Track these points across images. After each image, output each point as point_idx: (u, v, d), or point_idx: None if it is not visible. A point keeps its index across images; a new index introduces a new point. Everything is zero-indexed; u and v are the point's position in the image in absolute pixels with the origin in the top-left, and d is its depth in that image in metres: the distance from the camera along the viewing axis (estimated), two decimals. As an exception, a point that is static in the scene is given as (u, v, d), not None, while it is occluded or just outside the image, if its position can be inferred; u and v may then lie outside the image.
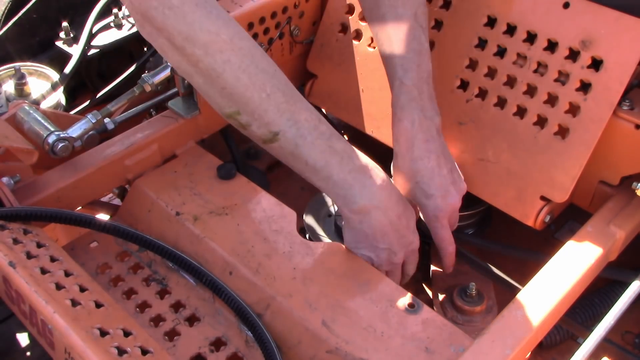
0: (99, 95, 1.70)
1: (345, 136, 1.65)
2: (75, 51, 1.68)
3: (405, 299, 1.06)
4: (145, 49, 1.85)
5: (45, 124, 1.24)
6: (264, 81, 0.99)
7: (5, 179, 1.17)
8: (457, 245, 1.22)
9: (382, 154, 1.46)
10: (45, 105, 1.56)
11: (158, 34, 0.97)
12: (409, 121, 1.15)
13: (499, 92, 1.24)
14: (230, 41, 0.97)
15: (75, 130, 1.26)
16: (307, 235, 1.33)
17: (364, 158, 1.08)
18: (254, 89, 0.98)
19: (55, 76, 1.63)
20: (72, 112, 1.60)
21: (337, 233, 1.34)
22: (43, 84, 1.62)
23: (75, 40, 1.73)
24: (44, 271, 0.99)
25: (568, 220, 1.44)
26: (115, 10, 1.78)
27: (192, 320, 1.11)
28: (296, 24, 1.49)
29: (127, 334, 0.93)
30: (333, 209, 1.36)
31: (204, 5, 0.96)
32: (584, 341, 0.97)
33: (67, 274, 1.01)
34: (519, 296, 1.02)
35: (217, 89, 0.99)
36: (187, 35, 0.95)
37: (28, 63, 1.66)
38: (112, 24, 1.79)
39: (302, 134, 1.02)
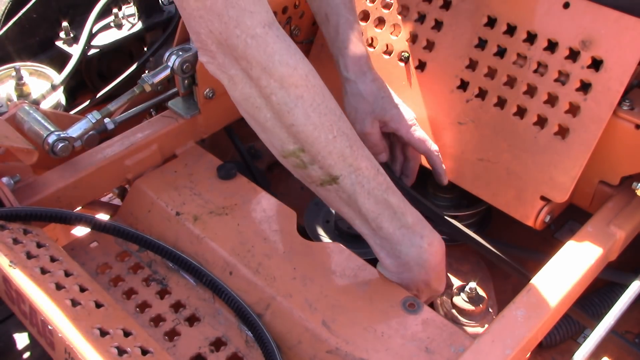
0: (99, 95, 1.70)
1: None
2: (75, 51, 1.69)
3: (406, 299, 1.06)
4: (145, 48, 1.85)
5: (45, 124, 1.24)
6: (332, 123, 0.98)
7: (5, 179, 1.17)
8: (459, 240, 1.22)
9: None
10: (45, 105, 1.56)
11: (233, 64, 0.95)
12: (357, 49, 1.24)
13: (499, 92, 1.24)
14: (306, 77, 0.97)
15: (75, 130, 1.26)
16: (308, 235, 1.33)
17: (416, 215, 1.06)
18: (322, 129, 0.97)
19: (55, 76, 1.63)
20: (72, 112, 1.60)
21: (337, 233, 1.34)
22: (43, 84, 1.62)
23: (75, 40, 1.73)
24: (44, 271, 0.99)
25: (568, 220, 1.44)
26: (115, 10, 1.78)
27: (192, 320, 1.11)
28: (296, 24, 1.49)
29: (127, 334, 0.93)
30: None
31: (284, 39, 0.96)
32: (584, 341, 0.97)
33: (67, 274, 1.01)
34: (519, 296, 1.02)
35: (286, 125, 0.97)
36: (265, 66, 0.94)
37: (28, 63, 1.66)
38: (112, 24, 1.79)
39: (360, 182, 1.01)
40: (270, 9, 0.95)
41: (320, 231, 1.35)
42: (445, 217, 1.23)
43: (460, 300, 1.19)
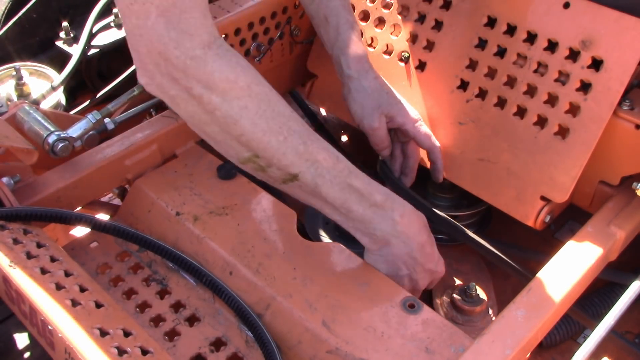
0: (99, 95, 1.69)
1: (345, 136, 1.66)
2: (75, 51, 1.68)
3: (406, 299, 1.06)
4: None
5: (46, 124, 1.24)
6: (281, 125, 1.00)
7: (5, 179, 1.17)
8: (460, 240, 1.22)
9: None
10: (45, 105, 1.56)
11: (172, 84, 0.96)
12: (358, 49, 1.26)
13: (499, 92, 1.24)
14: (248, 87, 0.98)
15: (75, 130, 1.26)
16: (308, 235, 1.33)
17: (384, 191, 1.08)
18: (271, 134, 0.99)
19: (55, 76, 1.63)
20: (72, 112, 1.59)
21: (337, 233, 1.34)
22: (43, 84, 1.61)
23: (75, 40, 1.73)
24: (44, 271, 0.99)
25: (568, 220, 1.44)
26: (115, 10, 1.78)
27: (192, 320, 1.11)
28: (296, 24, 1.49)
29: (127, 334, 0.93)
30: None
31: (224, 55, 0.97)
32: (584, 341, 0.97)
33: (67, 274, 1.01)
34: (519, 296, 1.02)
35: (234, 135, 0.99)
36: (206, 84, 0.96)
37: (28, 63, 1.66)
38: (112, 24, 1.78)
39: (320, 174, 1.03)
40: (213, 29, 0.97)
41: (320, 231, 1.35)
42: (446, 217, 1.23)
43: (461, 301, 1.19)
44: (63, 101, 1.61)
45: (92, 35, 1.72)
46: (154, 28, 0.92)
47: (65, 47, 1.73)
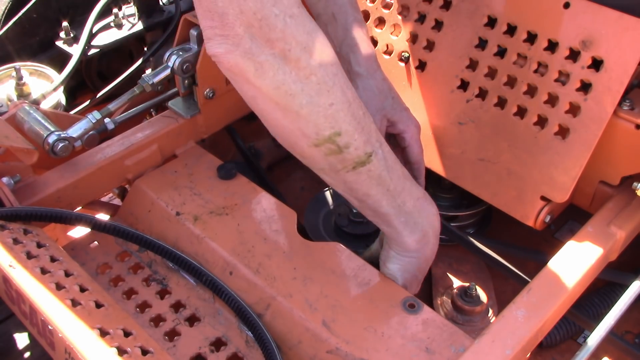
0: (99, 95, 1.69)
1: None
2: (75, 51, 1.68)
3: (406, 299, 1.06)
4: (145, 48, 1.85)
5: (46, 124, 1.24)
6: (356, 109, 0.94)
7: (5, 179, 1.17)
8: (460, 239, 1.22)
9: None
10: (45, 105, 1.56)
11: (263, 48, 0.87)
12: (368, 47, 1.21)
13: (499, 92, 1.24)
14: (335, 55, 0.94)
15: (75, 130, 1.26)
16: (308, 235, 1.33)
17: (418, 185, 1.07)
18: (355, 106, 0.94)
19: (55, 76, 1.63)
20: (72, 112, 1.59)
21: (337, 233, 1.34)
22: (43, 84, 1.62)
23: (76, 40, 1.73)
24: (44, 271, 0.99)
25: (568, 220, 1.44)
26: (115, 10, 1.78)
27: (192, 320, 1.11)
28: (296, 24, 1.49)
29: (127, 334, 0.93)
30: (333, 208, 1.36)
31: (311, 18, 0.91)
32: (584, 341, 0.97)
33: (67, 274, 1.01)
34: (519, 296, 1.02)
35: (324, 106, 0.92)
36: (306, 45, 0.88)
37: (28, 63, 1.66)
38: (112, 24, 1.79)
39: (385, 157, 0.98)
40: None
41: (321, 230, 1.35)
42: (446, 224, 1.22)
43: (461, 301, 1.19)
44: (63, 101, 1.61)
45: (92, 35, 1.72)
46: None
47: (65, 47, 1.73)
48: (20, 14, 1.72)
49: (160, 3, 1.84)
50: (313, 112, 0.91)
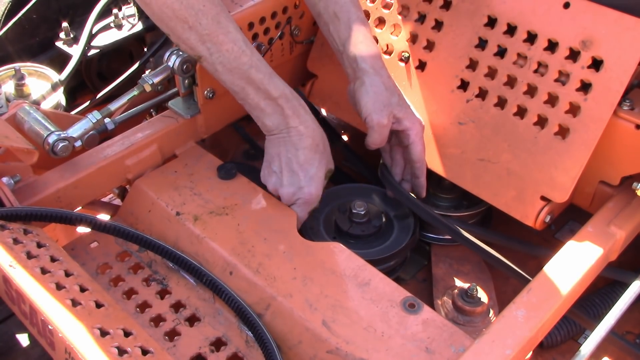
0: (99, 95, 1.70)
1: (345, 136, 1.65)
2: (75, 51, 1.69)
3: (406, 299, 1.06)
4: (145, 49, 1.85)
5: (46, 124, 1.24)
6: (187, 15, 1.15)
7: (5, 179, 1.17)
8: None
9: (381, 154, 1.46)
10: (45, 105, 1.56)
11: None
12: (372, 45, 1.29)
13: (499, 92, 1.24)
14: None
15: (75, 130, 1.26)
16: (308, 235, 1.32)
17: (282, 88, 1.21)
18: (177, 20, 1.16)
19: (55, 76, 1.63)
20: (72, 112, 1.60)
21: (337, 233, 1.34)
22: (43, 84, 1.62)
23: (75, 40, 1.73)
24: (44, 271, 0.99)
25: (568, 220, 1.44)
26: (115, 11, 1.78)
27: (192, 320, 1.11)
28: (296, 24, 1.49)
29: (127, 334, 0.93)
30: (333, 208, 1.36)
31: None
32: (585, 341, 0.97)
33: (67, 274, 1.01)
34: (519, 296, 1.02)
35: (149, 12, 1.17)
36: None
37: (28, 63, 1.66)
38: (112, 24, 1.79)
39: (221, 62, 1.19)
40: None
41: (321, 230, 1.35)
42: (447, 223, 1.22)
43: (461, 301, 1.19)
44: (63, 101, 1.61)
45: (92, 36, 1.72)
46: None
47: (65, 48, 1.73)
48: (20, 14, 1.72)
49: (160, 3, 1.83)
50: (148, 13, 1.18)
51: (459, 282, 1.28)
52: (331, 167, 1.26)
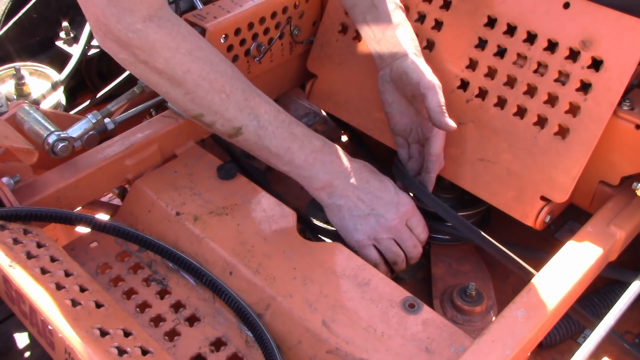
0: (99, 95, 1.70)
1: (345, 136, 1.66)
2: (75, 51, 1.68)
3: (406, 299, 1.06)
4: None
5: (46, 124, 1.24)
6: (223, 83, 1.10)
7: (5, 179, 1.17)
8: (467, 238, 1.22)
9: (382, 154, 1.47)
10: (45, 105, 1.56)
11: (120, 50, 1.06)
12: (411, 29, 1.27)
13: (499, 92, 1.24)
14: (189, 54, 1.08)
15: (75, 130, 1.26)
16: (307, 235, 1.32)
17: (322, 138, 1.18)
18: (214, 92, 1.10)
19: (55, 76, 1.63)
20: (72, 112, 1.60)
21: (337, 233, 1.33)
22: (43, 84, 1.62)
23: (75, 40, 1.73)
24: (44, 271, 0.99)
25: (568, 220, 1.44)
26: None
27: (192, 320, 1.11)
28: (296, 24, 1.49)
29: (127, 334, 0.93)
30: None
31: (165, 25, 1.06)
32: (584, 341, 0.97)
33: (67, 274, 1.01)
34: (519, 296, 1.02)
35: (181, 95, 1.10)
36: (149, 53, 1.06)
37: (28, 63, 1.66)
38: (112, 24, 1.78)
39: (263, 125, 1.13)
40: (155, 1, 1.05)
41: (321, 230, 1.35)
42: (462, 219, 1.21)
43: (460, 301, 1.19)
44: (63, 101, 1.61)
45: (92, 35, 1.71)
46: (98, 3, 1.02)
47: (65, 47, 1.73)
48: (20, 14, 1.72)
49: (160, 3, 1.83)
50: (177, 96, 1.11)
51: (458, 282, 1.28)
52: None
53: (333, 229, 1.24)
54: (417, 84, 1.19)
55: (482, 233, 1.18)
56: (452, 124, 1.17)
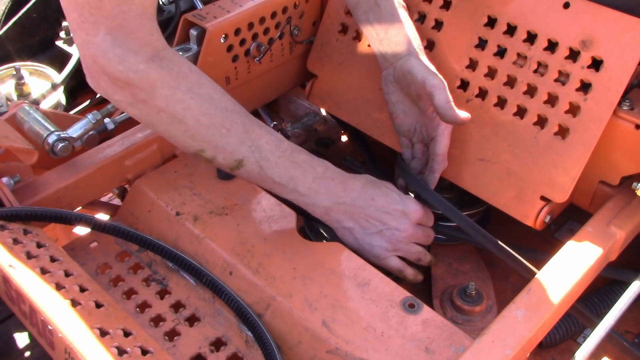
0: (99, 95, 1.69)
1: (344, 136, 1.66)
2: (75, 51, 1.69)
3: (406, 299, 1.06)
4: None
5: (46, 124, 1.24)
6: (223, 118, 1.09)
7: (5, 179, 1.17)
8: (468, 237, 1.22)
9: (382, 154, 1.47)
10: (45, 105, 1.56)
11: (117, 91, 1.04)
12: (414, 29, 1.25)
13: (499, 92, 1.24)
14: (189, 91, 1.06)
15: (75, 130, 1.26)
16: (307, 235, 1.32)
17: (323, 163, 1.17)
18: (214, 127, 1.08)
19: (55, 76, 1.63)
20: (72, 112, 1.60)
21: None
22: (43, 84, 1.62)
23: (76, 40, 1.73)
24: (44, 271, 1.00)
25: (568, 220, 1.44)
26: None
27: (192, 320, 1.11)
28: (296, 24, 1.49)
29: (127, 334, 0.93)
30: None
31: (167, 65, 1.05)
32: (584, 341, 0.97)
33: (67, 274, 1.01)
34: (519, 296, 1.02)
35: (180, 131, 1.08)
36: (149, 92, 1.04)
37: (28, 63, 1.66)
38: (112, 24, 1.78)
39: (265, 156, 1.11)
40: (159, 42, 1.04)
41: (320, 229, 1.35)
42: (465, 217, 1.21)
43: (460, 300, 1.19)
44: (63, 101, 1.62)
45: (92, 35, 1.71)
46: (101, 45, 0.99)
47: (65, 47, 1.73)
48: (20, 14, 1.72)
49: (160, 3, 1.84)
50: (175, 134, 1.09)
51: (457, 282, 1.28)
52: None
53: None
54: (422, 82, 1.19)
55: (487, 233, 1.17)
56: (465, 114, 1.18)
